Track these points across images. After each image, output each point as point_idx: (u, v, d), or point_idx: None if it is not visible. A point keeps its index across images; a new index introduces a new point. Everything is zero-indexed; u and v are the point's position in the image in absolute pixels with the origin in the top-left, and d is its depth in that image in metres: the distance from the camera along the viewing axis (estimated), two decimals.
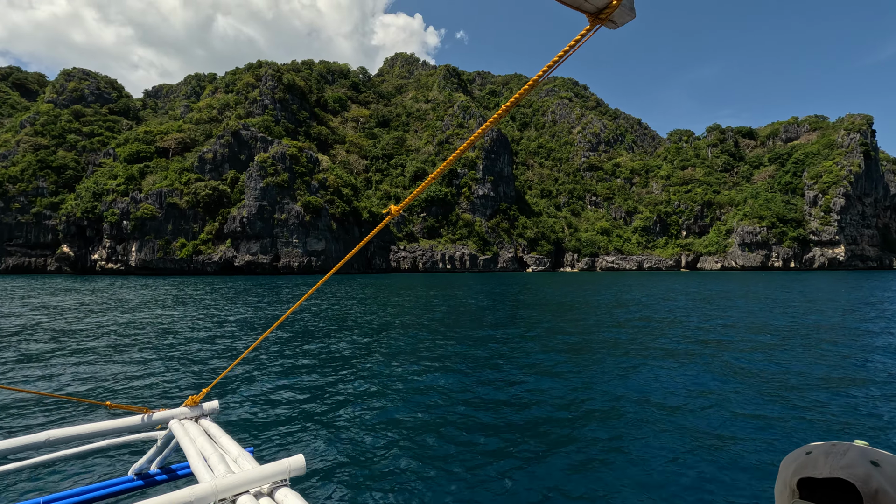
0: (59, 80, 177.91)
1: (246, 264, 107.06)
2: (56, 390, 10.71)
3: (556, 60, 1.10)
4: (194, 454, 1.96)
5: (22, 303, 33.04)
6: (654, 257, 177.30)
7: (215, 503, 1.56)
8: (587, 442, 7.91)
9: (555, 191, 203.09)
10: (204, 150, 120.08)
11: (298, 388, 10.93)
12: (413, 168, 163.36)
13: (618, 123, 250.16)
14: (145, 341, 17.34)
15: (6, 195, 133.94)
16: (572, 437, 8.06)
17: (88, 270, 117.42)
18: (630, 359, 14.55)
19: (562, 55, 1.10)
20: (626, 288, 53.95)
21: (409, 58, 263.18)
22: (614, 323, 23.55)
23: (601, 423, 8.78)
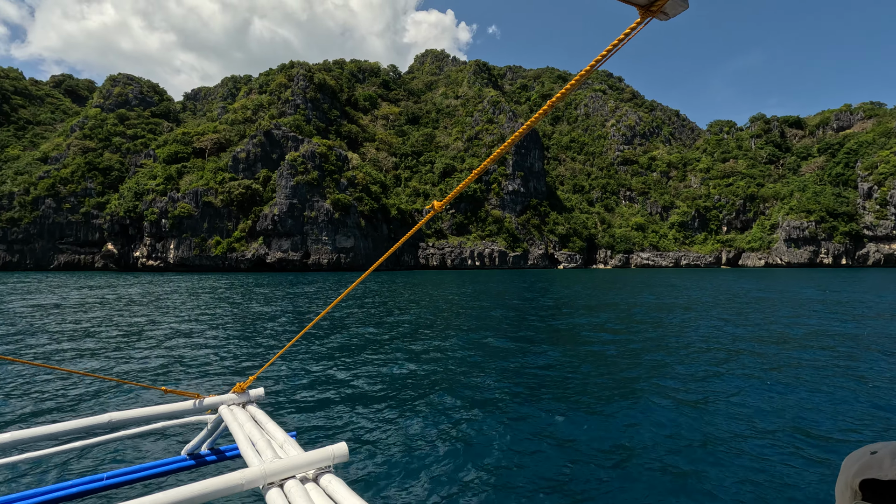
0: (106, 85, 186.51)
1: (277, 261, 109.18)
2: (119, 375, 11.36)
3: (603, 55, 1.07)
4: (243, 438, 2.06)
5: (81, 297, 34.83)
6: (693, 254, 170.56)
7: (264, 486, 1.64)
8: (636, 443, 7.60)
9: (587, 186, 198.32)
10: (238, 150, 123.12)
11: (337, 378, 11.24)
12: (442, 165, 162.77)
13: (654, 116, 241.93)
14: (195, 332, 18.17)
15: (58, 196, 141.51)
16: (612, 425, 7.93)
17: (131, 267, 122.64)
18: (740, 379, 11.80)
19: (610, 49, 1.07)
20: (678, 289, 49.96)
21: (439, 54, 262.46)
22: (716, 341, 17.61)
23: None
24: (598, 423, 8.50)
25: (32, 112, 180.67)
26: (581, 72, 1.10)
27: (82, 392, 9.91)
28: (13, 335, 17.84)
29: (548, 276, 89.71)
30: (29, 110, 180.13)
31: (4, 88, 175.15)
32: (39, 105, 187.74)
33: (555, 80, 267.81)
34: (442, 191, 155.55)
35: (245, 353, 14.17)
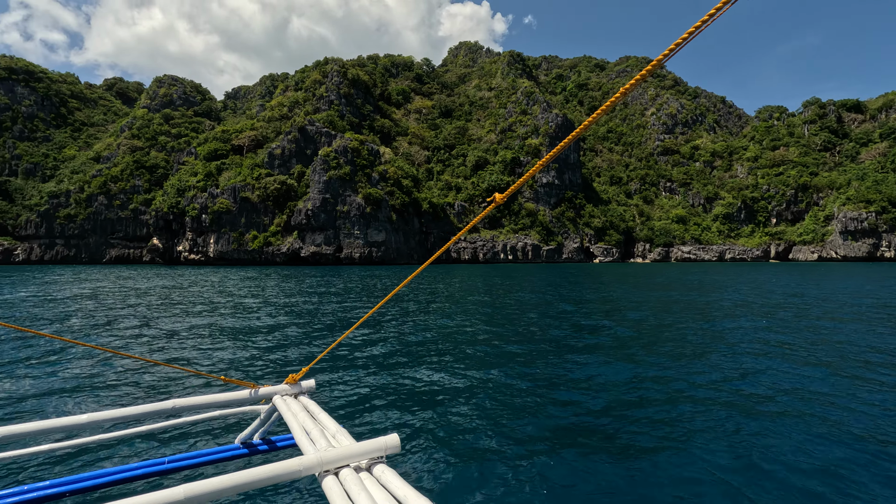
0: (153, 87, 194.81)
1: (311, 255, 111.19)
2: (179, 363, 12.04)
3: (691, 32, 1.00)
4: (297, 427, 2.13)
5: (138, 290, 36.73)
6: (738, 247, 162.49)
7: (320, 473, 1.69)
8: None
9: (625, 177, 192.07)
10: (273, 147, 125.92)
11: (384, 372, 11.35)
12: (474, 158, 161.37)
13: (698, 103, 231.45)
14: (245, 324, 18.79)
15: (109, 193, 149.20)
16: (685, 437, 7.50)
17: (174, 261, 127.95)
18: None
19: (699, 26, 1.00)
20: (750, 286, 46.87)
21: (472, 46, 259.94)
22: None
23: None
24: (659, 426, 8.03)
25: (87, 114, 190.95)
26: (662, 54, 1.02)
27: (147, 378, 10.58)
28: (81, 322, 19.22)
29: (584, 270, 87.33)
30: (84, 112, 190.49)
31: (62, 93, 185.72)
32: (93, 107, 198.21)
33: (592, 68, 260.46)
34: (474, 184, 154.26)
35: (295, 345, 14.54)
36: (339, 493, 1.59)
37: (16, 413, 8.35)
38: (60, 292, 34.09)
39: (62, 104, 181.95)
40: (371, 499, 1.54)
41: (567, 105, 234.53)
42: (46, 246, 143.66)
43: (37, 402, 8.94)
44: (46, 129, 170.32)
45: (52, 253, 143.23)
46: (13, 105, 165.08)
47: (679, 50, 1.08)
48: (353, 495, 1.56)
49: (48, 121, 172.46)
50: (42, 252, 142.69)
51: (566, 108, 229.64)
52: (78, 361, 12.11)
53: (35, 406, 8.75)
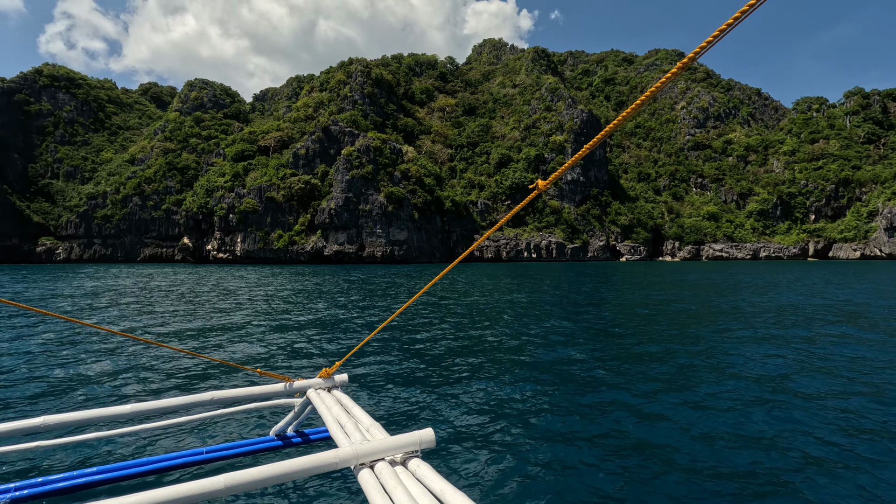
0: (184, 90, 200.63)
1: (334, 253, 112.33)
2: (222, 357, 12.44)
3: (729, 24, 0.97)
4: (331, 421, 2.16)
5: (173, 287, 37.84)
6: (773, 245, 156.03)
7: (356, 466, 1.70)
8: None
9: (654, 173, 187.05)
10: (298, 147, 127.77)
11: (416, 367, 11.39)
12: (497, 155, 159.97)
13: (731, 96, 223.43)
14: (281, 319, 19.37)
15: (143, 194, 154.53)
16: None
17: (204, 259, 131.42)
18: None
19: (730, 24, 0.97)
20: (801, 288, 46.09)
21: (496, 43, 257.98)
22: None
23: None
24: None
25: (123, 118, 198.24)
26: (706, 40, 1.00)
27: (188, 370, 10.95)
28: (125, 315, 20.40)
29: (612, 268, 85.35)
30: (120, 117, 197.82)
31: (100, 98, 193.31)
32: (129, 112, 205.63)
33: (619, 63, 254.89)
34: (497, 181, 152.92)
35: (325, 341, 14.82)
36: (375, 486, 1.59)
37: (66, 403, 8.64)
38: (104, 288, 35.84)
39: (100, 109, 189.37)
40: (407, 493, 1.53)
41: (593, 101, 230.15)
42: (85, 245, 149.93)
43: (85, 392, 9.28)
44: (85, 133, 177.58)
45: (90, 252, 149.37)
46: (55, 111, 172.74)
47: (715, 43, 1.02)
48: (390, 489, 1.56)
49: (87, 125, 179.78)
50: (81, 251, 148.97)
51: (592, 103, 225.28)
52: (124, 352, 12.66)
53: (83, 396, 9.06)
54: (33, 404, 8.47)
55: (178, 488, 1.41)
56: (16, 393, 9.17)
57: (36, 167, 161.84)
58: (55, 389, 9.40)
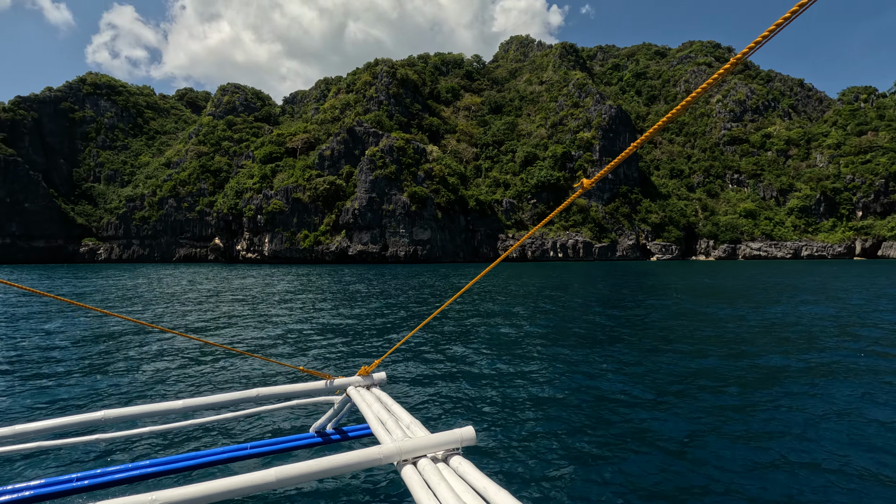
0: (217, 95, 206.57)
1: (358, 253, 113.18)
2: (265, 354, 12.96)
3: (778, 24, 0.95)
4: (372, 418, 2.24)
5: (212, 286, 39.45)
6: (816, 243, 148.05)
7: (399, 462, 1.74)
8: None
9: (687, 169, 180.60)
10: (323, 148, 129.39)
11: (452, 365, 11.47)
12: (523, 153, 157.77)
13: (771, 87, 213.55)
14: (316, 318, 19.99)
15: (178, 196, 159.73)
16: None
17: (234, 259, 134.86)
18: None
19: (781, 23, 0.94)
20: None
21: (523, 40, 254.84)
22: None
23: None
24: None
25: (160, 123, 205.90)
26: (758, 38, 0.98)
27: (234, 366, 11.39)
28: (175, 314, 21.42)
29: (641, 268, 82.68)
30: (157, 122, 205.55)
31: (139, 104, 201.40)
32: (166, 116, 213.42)
33: (651, 56, 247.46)
34: (523, 180, 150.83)
35: (362, 340, 15.03)
36: (418, 481, 1.61)
37: (119, 398, 9.04)
38: (150, 287, 38.06)
39: (139, 115, 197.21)
40: (450, 489, 1.55)
41: (623, 96, 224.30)
42: (124, 246, 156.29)
43: (142, 388, 9.73)
44: (125, 138, 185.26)
45: (129, 252, 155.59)
46: (97, 117, 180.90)
47: (770, 38, 0.98)
48: (433, 485, 1.58)
49: (127, 130, 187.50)
50: (121, 251, 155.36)
51: (622, 98, 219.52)
52: (173, 351, 13.27)
53: (138, 391, 9.48)
54: (96, 398, 8.90)
55: (231, 480, 1.48)
56: (81, 387, 9.73)
57: (80, 171, 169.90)
58: (115, 384, 9.96)
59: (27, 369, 11.27)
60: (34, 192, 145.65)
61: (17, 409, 8.39)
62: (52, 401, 8.83)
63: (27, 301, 26.79)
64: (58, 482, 2.12)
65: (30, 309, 23.21)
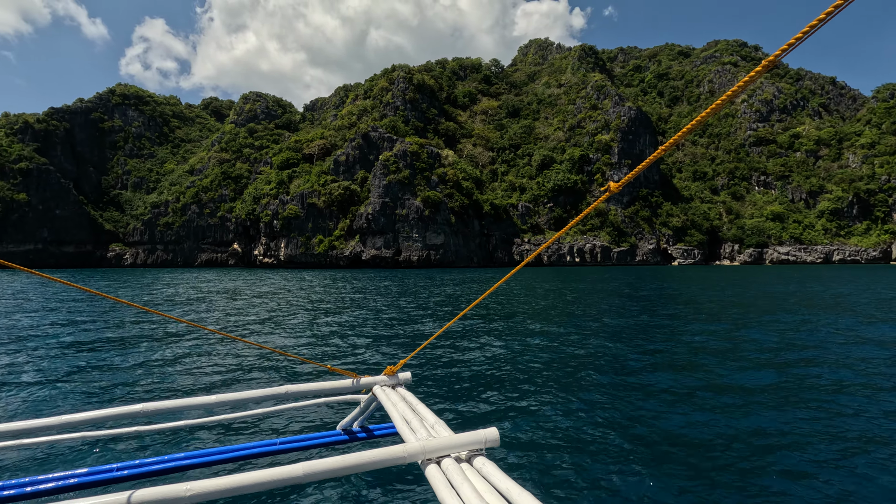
0: (239, 103, 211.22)
1: (371, 258, 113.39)
2: (294, 353, 13.37)
3: (813, 26, 0.94)
4: (398, 417, 2.29)
5: (237, 289, 40.84)
6: (849, 247, 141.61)
7: (423, 461, 1.76)
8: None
9: (711, 172, 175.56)
10: (339, 154, 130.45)
11: (475, 367, 11.59)
12: (540, 157, 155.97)
13: (800, 86, 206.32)
14: (341, 319, 20.54)
15: (200, 202, 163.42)
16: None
17: (251, 264, 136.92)
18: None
19: (814, 26, 0.94)
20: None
21: (542, 43, 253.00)
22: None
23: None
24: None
25: (186, 132, 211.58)
26: (791, 39, 0.97)
27: (264, 364, 11.79)
28: (209, 314, 22.36)
29: (661, 272, 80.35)
30: (183, 130, 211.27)
31: (165, 114, 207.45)
32: (191, 125, 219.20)
33: (674, 56, 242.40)
34: (539, 184, 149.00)
35: (386, 340, 15.26)
36: (442, 481, 1.62)
37: (163, 392, 9.50)
38: (182, 290, 39.78)
39: (165, 123, 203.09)
40: (473, 489, 1.55)
41: (645, 97, 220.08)
42: (149, 251, 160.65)
43: (179, 382, 10.15)
44: (151, 146, 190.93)
45: (153, 257, 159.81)
46: (125, 126, 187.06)
47: (798, 45, 0.98)
48: (456, 484, 1.59)
49: (153, 139, 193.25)
50: (146, 256, 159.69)
51: (644, 100, 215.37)
52: (208, 348, 13.86)
53: (176, 386, 9.87)
54: (135, 391, 9.40)
55: (260, 473, 1.53)
56: (121, 379, 10.36)
57: (108, 179, 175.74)
58: (155, 379, 10.47)
59: (77, 363, 12.12)
60: (65, 200, 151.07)
61: (68, 399, 9.02)
62: (95, 392, 9.44)
63: (76, 301, 28.75)
64: (100, 471, 2.24)
65: (73, 307, 25.11)
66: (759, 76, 0.87)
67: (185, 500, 1.50)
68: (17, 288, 42.50)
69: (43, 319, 20.62)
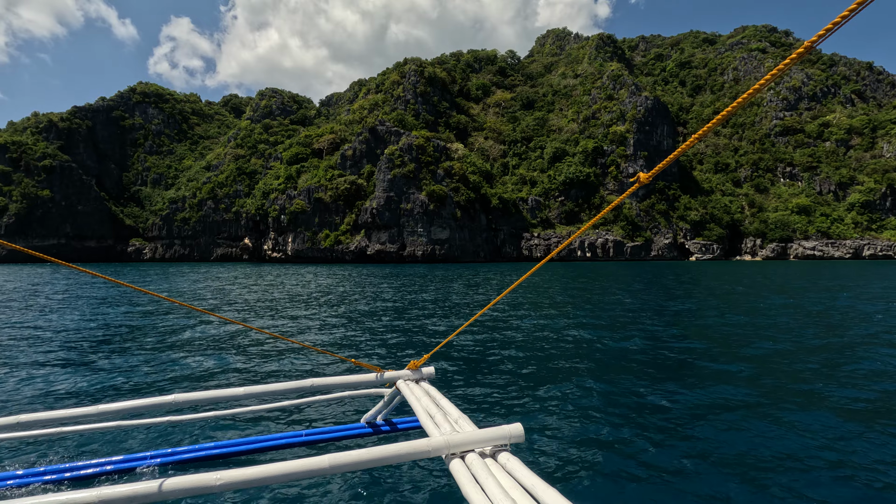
0: (255, 99, 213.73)
1: (376, 253, 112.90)
2: (320, 347, 13.34)
3: (852, 10, 0.90)
4: (421, 411, 2.30)
5: (265, 285, 40.27)
6: (881, 242, 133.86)
7: (447, 455, 1.75)
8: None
9: (734, 163, 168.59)
10: (345, 148, 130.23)
11: (498, 362, 11.41)
12: (552, 149, 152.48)
13: (833, 72, 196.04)
14: (361, 313, 20.70)
15: (216, 198, 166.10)
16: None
17: (261, 259, 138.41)
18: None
19: (852, 11, 0.90)
20: None
21: (560, 33, 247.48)
22: None
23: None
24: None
25: (204, 128, 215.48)
26: (829, 24, 0.93)
27: (289, 356, 11.95)
28: (240, 308, 22.75)
29: (678, 267, 77.08)
30: (202, 127, 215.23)
31: (184, 111, 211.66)
32: (210, 122, 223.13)
33: (698, 44, 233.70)
34: (551, 177, 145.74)
35: (408, 335, 15.18)
36: (466, 475, 1.61)
37: (188, 383, 9.58)
38: (205, 285, 40.01)
39: (184, 121, 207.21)
40: (498, 484, 1.54)
41: (667, 86, 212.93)
42: (167, 245, 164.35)
43: (206, 374, 10.24)
44: (171, 143, 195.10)
45: (171, 252, 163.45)
46: (145, 124, 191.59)
47: (836, 30, 0.92)
48: (481, 480, 1.58)
49: (172, 136, 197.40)
50: (164, 251, 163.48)
51: (666, 89, 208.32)
52: (240, 343, 13.87)
53: (205, 376, 9.97)
54: (164, 383, 9.50)
55: (287, 465, 1.54)
56: (156, 373, 10.48)
57: (129, 175, 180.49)
58: (185, 371, 10.57)
59: (108, 354, 12.35)
60: (87, 196, 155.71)
61: (101, 390, 9.11)
62: (128, 382, 9.62)
63: (106, 292, 29.25)
64: (135, 458, 2.34)
65: (103, 299, 25.51)
66: (792, 63, 0.79)
67: (215, 489, 1.53)
68: (45, 279, 43.35)
69: (74, 313, 20.79)
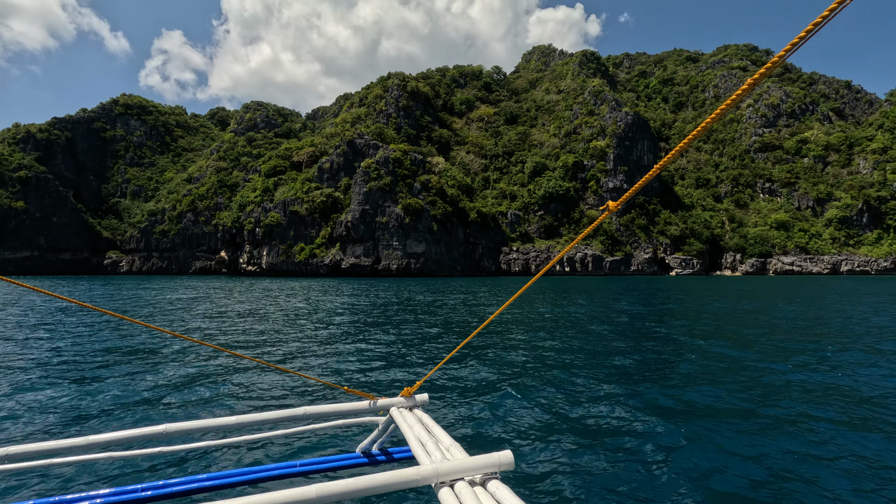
0: (240, 112, 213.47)
1: (351, 266, 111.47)
2: (312, 374, 12.78)
3: (816, 24, 0.97)
4: (413, 439, 2.26)
5: (251, 302, 39.08)
6: (858, 257, 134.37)
7: (436, 484, 1.72)
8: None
9: (714, 178, 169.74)
10: (323, 161, 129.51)
11: (492, 387, 11.29)
12: (533, 163, 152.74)
13: (812, 90, 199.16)
14: (348, 336, 19.89)
15: (196, 210, 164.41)
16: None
17: (237, 272, 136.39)
18: None
19: (820, 21, 0.95)
20: None
21: (545, 49, 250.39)
22: None
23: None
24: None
25: (188, 141, 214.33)
26: (795, 38, 0.98)
27: (277, 384, 11.62)
28: (221, 330, 21.91)
29: (658, 283, 76.38)
30: (185, 140, 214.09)
31: (168, 123, 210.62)
32: (194, 135, 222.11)
33: (682, 62, 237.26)
34: (530, 191, 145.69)
35: (397, 360, 14.90)
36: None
37: (176, 412, 9.33)
38: (194, 302, 38.48)
39: (167, 133, 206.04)
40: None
41: (649, 103, 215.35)
42: (145, 258, 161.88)
43: (195, 404, 9.88)
44: (153, 155, 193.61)
45: (148, 265, 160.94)
46: (127, 135, 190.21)
47: (802, 44, 0.98)
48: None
49: (154, 148, 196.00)
50: (141, 264, 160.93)
51: (649, 105, 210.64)
52: (222, 367, 13.49)
53: (194, 408, 9.63)
54: (153, 414, 9.23)
55: (274, 495, 1.52)
56: (140, 399, 10.20)
57: (108, 187, 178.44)
58: (173, 399, 10.18)
59: (90, 381, 11.89)
60: (62, 207, 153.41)
61: (84, 421, 8.84)
62: (113, 414, 9.27)
63: (76, 315, 27.35)
64: (126, 491, 2.25)
65: (74, 322, 24.20)
66: (762, 78, 0.85)
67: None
68: (11, 299, 39.53)
69: (39, 334, 19.75)
